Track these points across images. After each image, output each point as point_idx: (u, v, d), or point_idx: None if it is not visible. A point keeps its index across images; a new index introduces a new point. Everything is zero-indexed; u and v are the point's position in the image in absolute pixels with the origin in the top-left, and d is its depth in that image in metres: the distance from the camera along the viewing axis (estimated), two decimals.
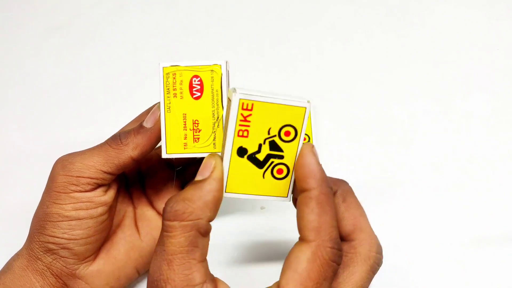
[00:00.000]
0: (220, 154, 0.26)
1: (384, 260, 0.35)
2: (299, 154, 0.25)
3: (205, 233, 0.23)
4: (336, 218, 0.24)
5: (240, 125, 0.24)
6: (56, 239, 0.29)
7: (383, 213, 0.38)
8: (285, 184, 0.26)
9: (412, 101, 0.43)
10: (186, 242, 0.22)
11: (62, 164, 0.29)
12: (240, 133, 0.25)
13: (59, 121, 0.44)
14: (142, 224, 0.34)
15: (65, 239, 0.29)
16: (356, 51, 0.46)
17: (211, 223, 0.24)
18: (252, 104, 0.24)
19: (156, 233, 0.34)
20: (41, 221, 0.29)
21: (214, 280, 0.23)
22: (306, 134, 0.40)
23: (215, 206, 0.24)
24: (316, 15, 0.49)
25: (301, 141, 0.26)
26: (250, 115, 0.24)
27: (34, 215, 0.30)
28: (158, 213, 0.35)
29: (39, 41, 0.49)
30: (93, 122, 0.44)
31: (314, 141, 0.40)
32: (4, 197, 0.40)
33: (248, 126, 0.24)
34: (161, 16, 0.50)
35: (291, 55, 0.46)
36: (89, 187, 0.29)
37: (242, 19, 0.49)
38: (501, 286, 0.35)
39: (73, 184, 0.29)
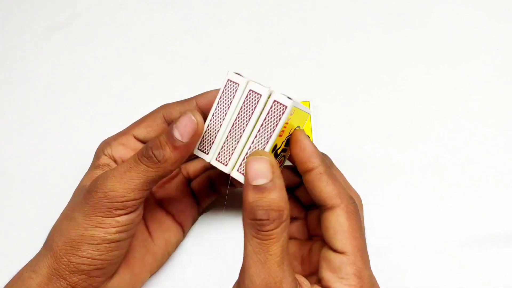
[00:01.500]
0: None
1: (384, 259, 0.35)
2: (294, 140, 0.28)
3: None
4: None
5: (284, 126, 0.27)
6: (92, 260, 0.28)
7: (382, 213, 0.38)
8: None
9: (413, 100, 0.43)
10: (285, 242, 0.25)
11: (104, 192, 0.28)
12: (280, 133, 0.27)
13: (59, 121, 0.44)
14: (153, 227, 0.34)
15: (102, 260, 0.28)
16: (356, 51, 0.46)
17: None
18: (294, 111, 0.27)
19: (168, 234, 0.34)
20: (74, 243, 0.28)
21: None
22: None
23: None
24: (316, 14, 0.49)
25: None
26: (290, 119, 0.27)
27: (61, 234, 0.28)
28: (168, 213, 0.35)
29: (39, 41, 0.49)
30: (94, 122, 0.44)
31: (314, 141, 0.40)
32: (2, 201, 0.40)
33: (286, 127, 0.28)
34: (161, 16, 0.50)
35: (291, 55, 0.46)
36: (134, 208, 0.28)
37: (242, 19, 0.49)
38: (501, 286, 0.35)
39: (119, 209, 0.28)
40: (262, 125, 0.27)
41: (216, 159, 0.29)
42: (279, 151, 0.29)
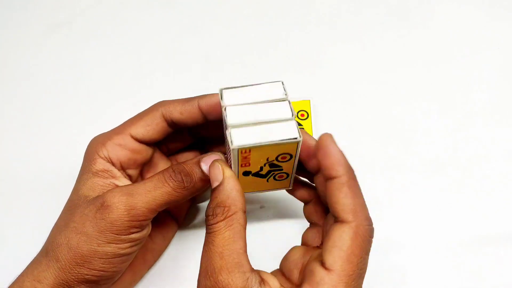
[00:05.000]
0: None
1: (384, 259, 0.35)
2: (320, 144, 0.27)
3: (244, 223, 0.27)
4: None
5: (242, 161, 0.27)
6: (104, 273, 0.28)
7: (382, 213, 0.38)
8: (287, 180, 0.31)
9: (413, 100, 0.43)
10: (231, 235, 0.26)
11: (126, 210, 0.28)
12: (243, 165, 0.28)
13: (61, 119, 0.44)
14: (152, 226, 0.33)
15: (112, 272, 0.29)
16: (356, 51, 0.46)
17: None
18: (250, 150, 0.26)
19: (165, 230, 0.35)
20: (86, 257, 0.28)
21: (257, 271, 0.27)
22: None
23: (242, 198, 0.27)
24: (317, 15, 0.49)
25: (297, 159, 0.28)
26: (249, 154, 0.27)
27: (70, 247, 0.28)
28: (165, 210, 0.35)
29: (41, 39, 0.49)
30: (95, 120, 0.44)
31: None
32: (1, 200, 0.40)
33: (249, 159, 0.27)
34: (162, 14, 0.50)
35: (291, 55, 0.46)
36: (147, 224, 0.29)
37: (242, 18, 0.49)
38: (501, 286, 0.35)
39: (135, 227, 0.28)
40: (227, 148, 0.28)
41: None
42: (263, 172, 0.29)
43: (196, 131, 0.35)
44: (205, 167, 0.29)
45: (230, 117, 0.27)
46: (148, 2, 0.50)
